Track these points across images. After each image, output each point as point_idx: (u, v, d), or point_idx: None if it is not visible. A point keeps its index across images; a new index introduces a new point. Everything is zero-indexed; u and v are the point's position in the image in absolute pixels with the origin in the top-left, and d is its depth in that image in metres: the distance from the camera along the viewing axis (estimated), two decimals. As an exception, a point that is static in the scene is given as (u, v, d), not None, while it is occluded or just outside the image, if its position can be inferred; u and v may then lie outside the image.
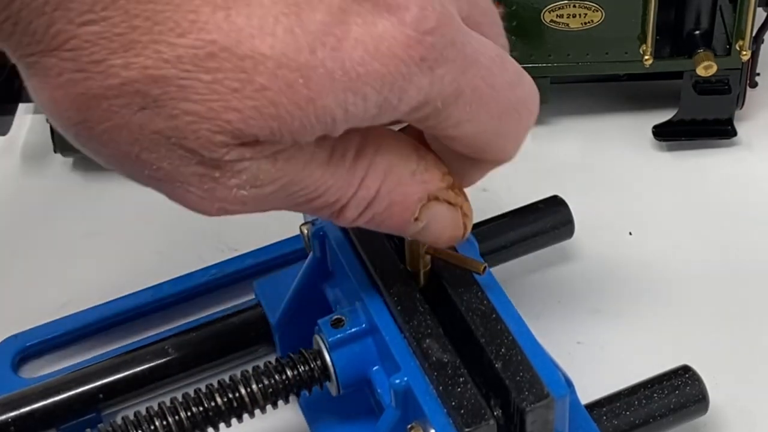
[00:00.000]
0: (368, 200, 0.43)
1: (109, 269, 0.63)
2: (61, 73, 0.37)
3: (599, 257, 0.63)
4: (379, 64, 0.38)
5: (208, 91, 0.37)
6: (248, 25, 0.37)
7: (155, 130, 0.38)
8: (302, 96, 0.38)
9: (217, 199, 0.40)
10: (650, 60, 0.66)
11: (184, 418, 0.48)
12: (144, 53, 0.36)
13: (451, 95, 0.41)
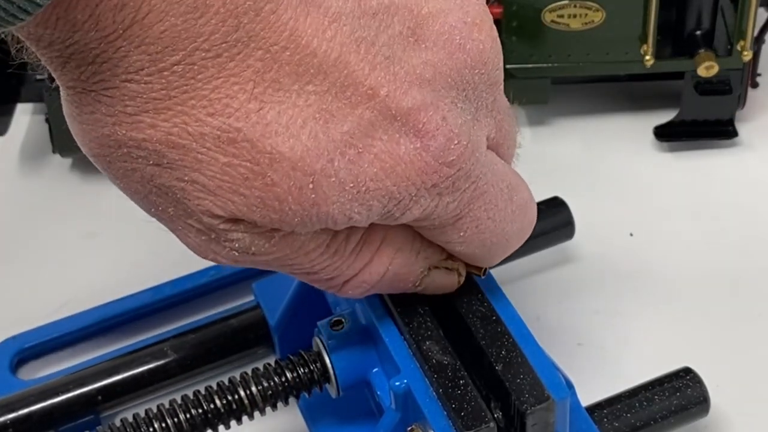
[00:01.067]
0: (371, 283, 0.44)
1: (108, 270, 0.63)
2: (93, 112, 0.38)
3: (600, 258, 0.63)
4: (391, 182, 0.39)
5: (220, 172, 0.38)
6: (276, 122, 0.38)
7: (164, 184, 0.39)
8: (308, 199, 0.39)
9: (211, 251, 0.41)
10: (651, 60, 0.66)
11: (183, 421, 0.48)
12: (172, 120, 0.37)
13: (450, 219, 0.42)
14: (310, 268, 0.42)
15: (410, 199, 0.40)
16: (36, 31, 0.36)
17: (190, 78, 0.37)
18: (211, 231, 0.40)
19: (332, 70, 0.38)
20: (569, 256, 0.63)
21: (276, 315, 0.56)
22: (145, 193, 0.40)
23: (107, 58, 0.37)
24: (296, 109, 0.38)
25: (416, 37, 0.39)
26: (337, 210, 0.39)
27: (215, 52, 0.37)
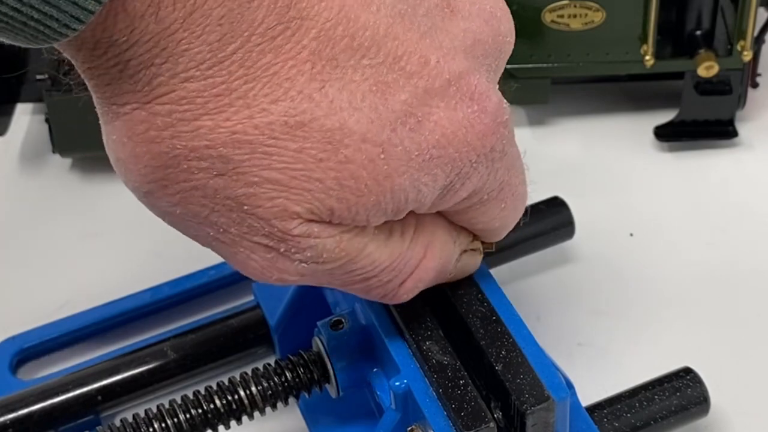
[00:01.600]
0: (426, 280, 0.45)
1: (108, 270, 0.63)
2: (148, 129, 0.37)
3: (600, 258, 0.63)
4: (453, 149, 0.40)
5: (293, 159, 0.38)
6: (338, 98, 0.38)
7: (230, 197, 0.38)
8: (381, 171, 0.39)
9: (277, 269, 0.40)
10: (651, 60, 0.66)
11: (183, 421, 0.48)
12: (234, 117, 0.37)
13: (496, 189, 0.43)
14: (371, 270, 0.42)
15: (470, 166, 0.41)
16: (92, 37, 0.36)
17: (249, 66, 0.37)
18: (281, 243, 0.39)
19: (384, 41, 0.38)
20: (569, 256, 0.63)
21: (276, 315, 0.55)
22: (205, 215, 0.39)
23: (167, 56, 0.36)
24: (354, 84, 0.38)
25: (451, 8, 0.40)
26: (407, 181, 0.39)
27: (271, 35, 0.37)
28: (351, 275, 0.42)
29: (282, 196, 0.38)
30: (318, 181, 0.38)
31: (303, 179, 0.38)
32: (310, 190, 0.38)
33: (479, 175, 0.41)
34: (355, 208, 0.39)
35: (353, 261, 0.41)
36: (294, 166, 0.38)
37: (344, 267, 0.41)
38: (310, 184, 0.38)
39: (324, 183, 0.38)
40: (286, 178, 0.38)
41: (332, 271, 0.41)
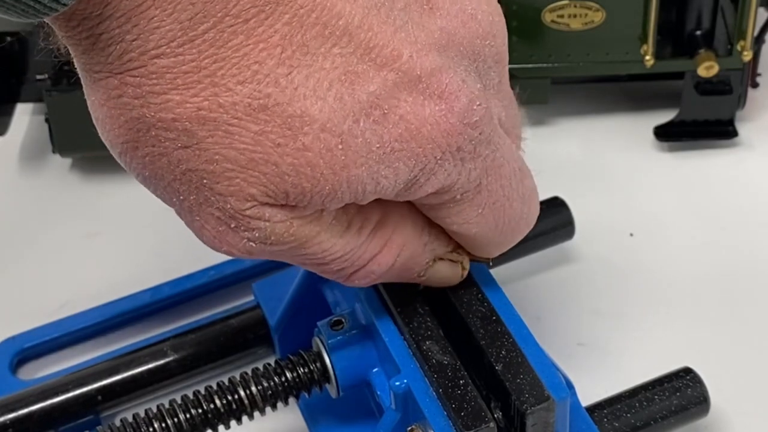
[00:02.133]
0: (378, 274, 0.45)
1: (108, 270, 0.63)
2: (120, 95, 0.38)
3: (600, 258, 0.63)
4: (416, 144, 0.40)
5: (253, 141, 0.38)
6: (304, 85, 0.38)
7: (191, 169, 0.39)
8: (338, 162, 0.39)
9: (226, 242, 0.41)
10: (651, 60, 0.66)
11: (183, 421, 0.48)
12: (202, 94, 0.38)
13: (470, 191, 0.43)
14: (322, 258, 0.43)
15: (435, 162, 0.41)
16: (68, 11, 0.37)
17: (220, 46, 0.37)
18: (231, 219, 0.40)
19: (357, 32, 0.38)
20: (569, 256, 0.63)
21: (276, 315, 0.55)
22: (168, 180, 0.40)
23: (138, 33, 0.37)
24: (323, 72, 0.38)
25: (430, 5, 0.40)
26: (365, 172, 0.40)
27: (244, 17, 0.37)
28: (299, 258, 0.42)
29: (240, 177, 0.39)
30: (274, 165, 0.38)
31: (260, 162, 0.38)
32: (266, 173, 0.39)
33: (446, 172, 0.41)
34: (310, 194, 0.39)
35: (302, 246, 0.41)
36: (253, 148, 0.38)
37: (292, 251, 0.42)
38: (266, 167, 0.38)
39: (280, 168, 0.39)
40: (245, 159, 0.38)
41: (280, 253, 0.42)
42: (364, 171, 0.40)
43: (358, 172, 0.39)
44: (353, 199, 0.40)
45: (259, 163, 0.38)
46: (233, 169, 0.39)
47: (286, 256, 0.42)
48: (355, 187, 0.40)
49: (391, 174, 0.40)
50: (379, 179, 0.40)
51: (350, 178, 0.39)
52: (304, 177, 0.39)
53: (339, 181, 0.39)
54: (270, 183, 0.39)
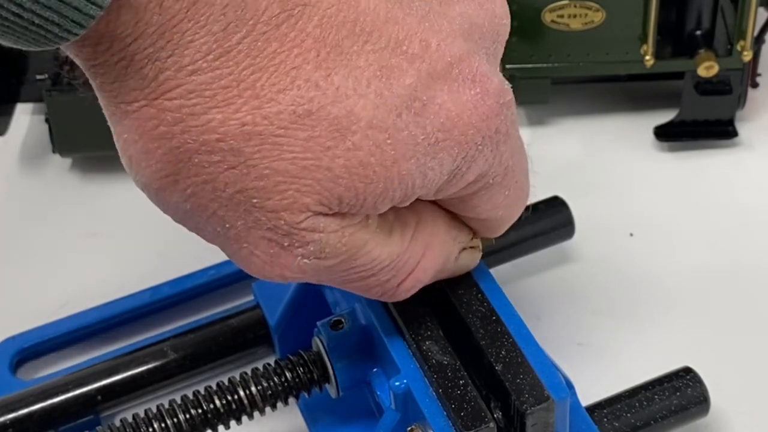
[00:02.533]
0: (424, 279, 0.45)
1: (108, 270, 0.63)
2: (158, 125, 0.37)
3: (600, 258, 0.63)
4: (458, 132, 0.40)
5: (301, 149, 0.38)
6: (344, 85, 0.38)
7: (240, 190, 0.38)
8: (389, 157, 0.39)
9: (279, 265, 0.40)
10: (651, 60, 0.66)
11: (183, 421, 0.48)
12: (243, 109, 0.37)
13: (500, 174, 0.43)
14: (371, 268, 0.42)
15: (476, 148, 0.41)
16: (96, 32, 0.36)
17: (255, 56, 0.37)
18: (285, 237, 0.39)
19: (385, 26, 0.38)
20: (569, 256, 0.63)
21: (276, 315, 0.55)
22: (213, 209, 0.39)
23: (173, 48, 0.36)
24: (359, 70, 0.38)
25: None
26: (414, 166, 0.39)
27: (275, 23, 0.37)
28: (350, 273, 0.42)
29: (292, 188, 0.38)
30: (327, 170, 0.38)
31: (312, 168, 0.38)
32: (319, 179, 0.38)
33: (485, 157, 0.41)
34: (363, 196, 0.39)
35: (354, 257, 0.41)
36: (303, 156, 0.38)
37: (344, 264, 0.41)
38: (319, 173, 0.38)
39: (333, 171, 0.38)
40: (296, 169, 0.38)
41: (332, 268, 0.41)
42: (413, 164, 0.39)
43: (407, 165, 0.39)
44: (403, 196, 0.40)
45: (311, 170, 0.38)
46: (285, 181, 0.38)
47: (336, 274, 0.42)
48: (406, 182, 0.40)
49: (437, 165, 0.40)
50: (426, 172, 0.40)
51: (401, 173, 0.39)
52: (357, 177, 0.39)
53: (391, 177, 0.39)
54: (323, 189, 0.38)
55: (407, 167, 0.39)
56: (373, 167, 0.39)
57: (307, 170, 0.38)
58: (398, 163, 0.39)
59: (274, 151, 0.38)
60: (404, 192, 0.40)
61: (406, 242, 0.43)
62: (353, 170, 0.38)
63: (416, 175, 0.40)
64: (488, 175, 0.42)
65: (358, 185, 0.39)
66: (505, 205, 0.45)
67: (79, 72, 0.39)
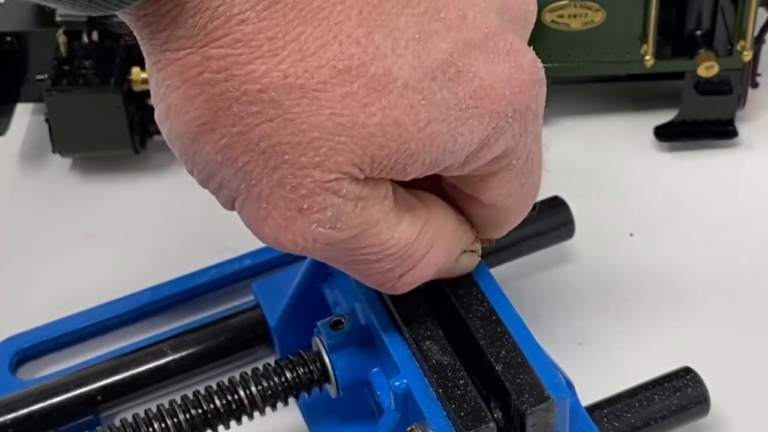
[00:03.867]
0: (425, 277, 0.45)
1: (108, 270, 0.63)
2: (202, 72, 0.38)
3: (600, 258, 0.63)
4: (489, 101, 0.40)
5: (340, 105, 0.38)
6: (383, 44, 0.39)
7: (274, 144, 0.39)
8: (422, 118, 0.39)
9: (293, 230, 0.41)
10: (651, 60, 0.66)
11: (183, 421, 0.48)
12: (287, 61, 0.38)
13: (522, 158, 0.43)
14: (377, 251, 0.42)
15: (506, 120, 0.41)
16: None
17: (301, 9, 0.37)
18: (305, 199, 0.39)
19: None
20: (569, 256, 0.63)
21: (276, 315, 0.55)
22: (243, 162, 0.39)
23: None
24: (398, 31, 0.39)
25: None
26: (446, 128, 0.40)
27: None
28: (357, 253, 0.42)
29: (326, 145, 0.39)
30: (362, 127, 0.39)
31: (348, 126, 0.38)
32: (354, 137, 0.39)
33: (513, 132, 0.42)
34: (396, 156, 0.40)
35: (364, 235, 0.41)
36: (341, 112, 0.38)
37: (354, 241, 0.41)
38: (354, 130, 0.39)
39: (367, 129, 0.39)
40: (332, 125, 0.38)
41: (342, 244, 0.41)
42: (445, 127, 0.40)
43: (440, 127, 0.40)
44: (433, 160, 0.41)
45: (346, 126, 0.38)
46: (320, 137, 0.38)
47: (344, 252, 0.42)
48: (438, 144, 0.40)
49: (468, 132, 0.41)
50: (457, 137, 0.40)
51: (433, 134, 0.40)
52: (390, 136, 0.39)
53: (423, 138, 0.40)
54: (357, 148, 0.39)
55: (439, 129, 0.40)
56: (407, 126, 0.39)
57: (343, 127, 0.38)
58: (431, 125, 0.40)
59: (313, 105, 0.38)
60: (435, 156, 0.40)
61: (414, 234, 0.43)
62: (387, 129, 0.39)
63: (447, 138, 0.40)
64: (512, 154, 0.43)
65: (392, 144, 0.39)
66: (518, 193, 0.45)
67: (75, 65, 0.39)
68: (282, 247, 0.41)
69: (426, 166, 0.41)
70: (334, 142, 0.39)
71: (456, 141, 0.40)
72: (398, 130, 0.39)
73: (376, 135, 0.39)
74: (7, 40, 0.69)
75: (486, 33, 0.40)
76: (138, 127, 0.67)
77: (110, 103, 0.65)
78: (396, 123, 0.39)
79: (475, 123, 0.41)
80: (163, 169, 0.69)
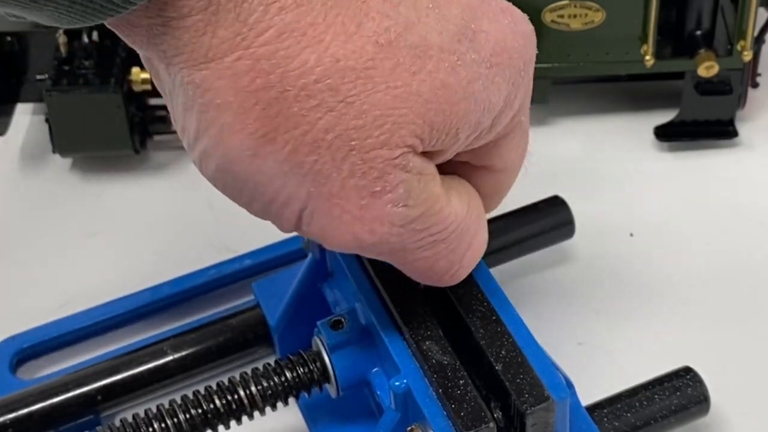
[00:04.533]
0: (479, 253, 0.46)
1: (108, 270, 0.63)
2: (255, 78, 0.36)
3: (600, 258, 0.63)
4: (507, 56, 0.42)
5: (392, 77, 0.38)
6: (409, 15, 0.39)
7: (339, 133, 0.38)
8: (464, 77, 0.40)
9: (369, 218, 0.40)
10: (651, 60, 0.66)
11: (183, 421, 0.48)
12: (333, 45, 0.37)
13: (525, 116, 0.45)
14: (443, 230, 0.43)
15: (519, 74, 0.42)
16: None
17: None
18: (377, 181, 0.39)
19: None
20: (569, 256, 0.63)
21: (276, 315, 0.55)
22: (311, 164, 0.38)
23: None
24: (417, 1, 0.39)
25: None
26: (482, 87, 0.41)
27: None
28: (425, 234, 0.42)
29: (389, 121, 0.39)
30: (417, 95, 0.39)
31: (404, 96, 0.39)
32: (412, 106, 0.39)
33: (524, 86, 0.43)
34: (450, 120, 0.40)
35: (430, 211, 0.42)
36: (394, 84, 0.38)
37: (423, 219, 0.41)
38: (410, 100, 0.39)
39: (422, 96, 0.39)
40: (390, 99, 0.38)
41: (414, 224, 0.41)
42: (481, 85, 0.41)
43: (477, 86, 0.40)
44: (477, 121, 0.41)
45: (403, 98, 0.39)
46: (382, 114, 0.38)
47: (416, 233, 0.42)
48: (480, 102, 0.41)
49: (496, 90, 0.41)
50: (490, 96, 0.41)
51: (475, 92, 0.40)
52: (443, 98, 0.39)
53: (468, 96, 0.40)
54: (417, 117, 0.39)
55: (477, 88, 0.40)
56: (453, 87, 0.40)
57: (400, 99, 0.39)
58: (471, 84, 0.40)
59: (368, 84, 0.38)
60: (478, 117, 0.41)
61: (465, 208, 0.44)
62: (439, 92, 0.39)
63: (484, 97, 0.41)
64: (521, 111, 0.44)
65: (445, 107, 0.40)
66: (521, 155, 0.46)
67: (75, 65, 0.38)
68: (360, 241, 0.41)
69: (471, 129, 0.41)
70: (396, 116, 0.39)
71: (490, 100, 0.41)
72: (448, 93, 0.40)
73: (431, 101, 0.39)
74: (7, 40, 0.69)
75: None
76: (138, 127, 0.67)
77: (110, 103, 0.65)
78: (444, 85, 0.39)
79: (500, 80, 0.41)
80: (163, 169, 0.69)
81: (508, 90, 0.42)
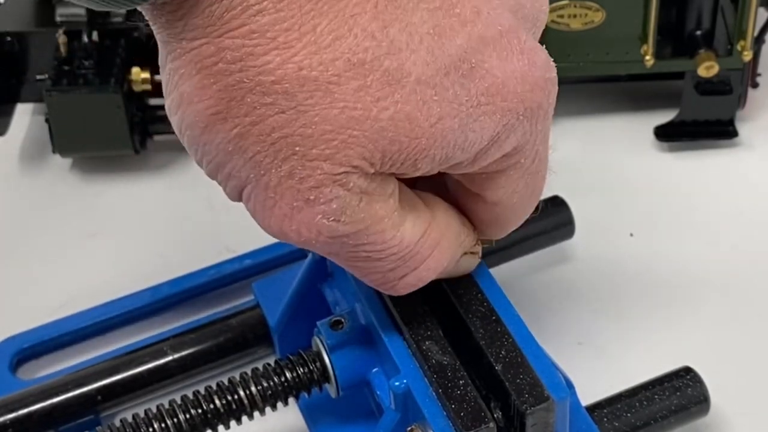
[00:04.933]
0: (426, 279, 0.45)
1: (108, 270, 0.63)
2: (217, 62, 0.38)
3: (600, 258, 0.63)
4: (501, 98, 0.40)
5: (353, 99, 0.38)
6: (398, 39, 0.38)
7: (285, 135, 0.39)
8: (434, 113, 0.39)
9: (298, 220, 0.40)
10: (651, 60, 0.66)
11: (183, 421, 0.48)
12: (302, 53, 0.38)
13: (530, 157, 0.43)
14: (380, 250, 0.42)
15: (517, 118, 0.41)
16: None
17: (317, 1, 0.37)
18: (312, 190, 0.39)
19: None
20: (569, 256, 0.63)
21: (276, 315, 0.55)
22: (253, 153, 0.39)
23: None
24: (413, 26, 0.39)
25: None
26: (457, 124, 0.40)
27: None
28: (359, 250, 0.42)
29: (338, 138, 0.39)
30: (374, 121, 0.39)
31: (360, 119, 0.38)
32: (366, 131, 0.39)
33: (523, 130, 0.42)
34: (407, 151, 0.40)
35: (368, 231, 0.41)
36: (353, 105, 0.38)
37: (357, 236, 0.41)
38: (366, 124, 0.38)
39: (380, 123, 0.39)
40: (345, 118, 0.38)
41: (345, 239, 0.41)
42: (457, 123, 0.40)
43: (451, 123, 0.40)
44: (443, 157, 0.40)
45: (359, 120, 0.38)
46: (332, 130, 0.38)
47: (346, 246, 0.42)
48: (448, 141, 0.40)
49: (479, 129, 0.40)
50: (468, 134, 0.40)
51: (444, 130, 0.40)
52: (402, 131, 0.39)
53: (434, 133, 0.40)
54: (369, 142, 0.39)
55: (451, 125, 0.40)
56: (419, 122, 0.39)
57: (355, 120, 0.38)
58: (443, 121, 0.40)
59: (326, 98, 0.38)
60: (445, 152, 0.40)
61: (417, 235, 0.43)
62: (399, 124, 0.39)
63: (458, 135, 0.40)
64: (521, 153, 0.43)
65: (403, 139, 0.39)
66: (523, 193, 0.45)
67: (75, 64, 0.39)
68: (286, 237, 0.41)
69: (436, 162, 0.41)
70: (346, 136, 0.39)
71: (467, 138, 0.40)
72: (410, 125, 0.39)
73: (388, 129, 0.39)
74: (7, 40, 0.69)
75: (500, 30, 0.40)
76: (138, 127, 0.67)
77: (110, 103, 0.65)
78: (408, 118, 0.39)
79: (486, 120, 0.40)
80: (163, 169, 0.69)
81: (497, 131, 0.41)
